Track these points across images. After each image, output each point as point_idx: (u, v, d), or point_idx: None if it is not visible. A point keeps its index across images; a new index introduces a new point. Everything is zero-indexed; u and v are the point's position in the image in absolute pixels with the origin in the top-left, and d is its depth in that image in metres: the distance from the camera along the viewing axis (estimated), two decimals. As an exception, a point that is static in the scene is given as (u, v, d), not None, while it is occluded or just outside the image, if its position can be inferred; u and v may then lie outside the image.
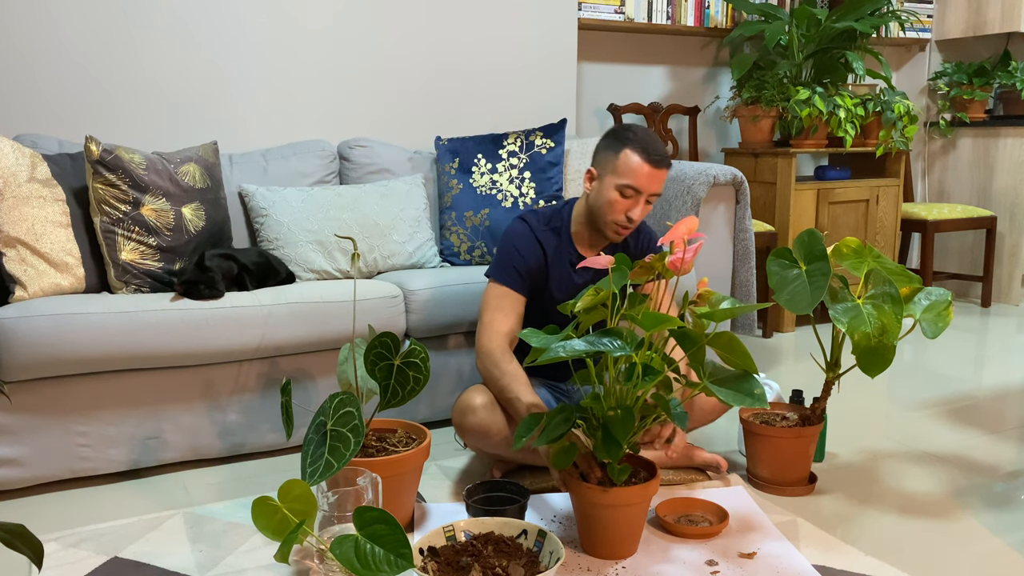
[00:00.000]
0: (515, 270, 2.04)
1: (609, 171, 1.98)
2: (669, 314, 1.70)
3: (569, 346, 1.55)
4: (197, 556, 1.75)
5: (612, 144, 1.99)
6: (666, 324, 1.54)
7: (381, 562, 1.35)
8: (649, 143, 1.95)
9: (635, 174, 1.94)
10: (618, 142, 1.97)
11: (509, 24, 3.32)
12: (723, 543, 1.79)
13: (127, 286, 2.28)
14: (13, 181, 2.18)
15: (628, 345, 1.54)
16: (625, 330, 1.58)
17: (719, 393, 1.59)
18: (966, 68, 4.48)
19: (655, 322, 1.54)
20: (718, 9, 3.93)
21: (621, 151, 1.96)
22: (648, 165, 1.93)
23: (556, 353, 1.54)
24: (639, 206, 1.96)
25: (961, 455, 2.30)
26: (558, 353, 1.54)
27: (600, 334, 1.57)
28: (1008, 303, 4.36)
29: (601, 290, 1.65)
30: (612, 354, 1.53)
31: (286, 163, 2.80)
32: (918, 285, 1.95)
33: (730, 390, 1.60)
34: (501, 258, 2.06)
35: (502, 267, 2.05)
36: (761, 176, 3.81)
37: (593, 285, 1.68)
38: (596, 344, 1.55)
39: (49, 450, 2.07)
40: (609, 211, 1.98)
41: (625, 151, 1.95)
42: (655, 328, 1.55)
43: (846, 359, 3.30)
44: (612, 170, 1.97)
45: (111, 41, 2.71)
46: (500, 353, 1.96)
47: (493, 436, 2.00)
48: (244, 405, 2.27)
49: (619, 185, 1.95)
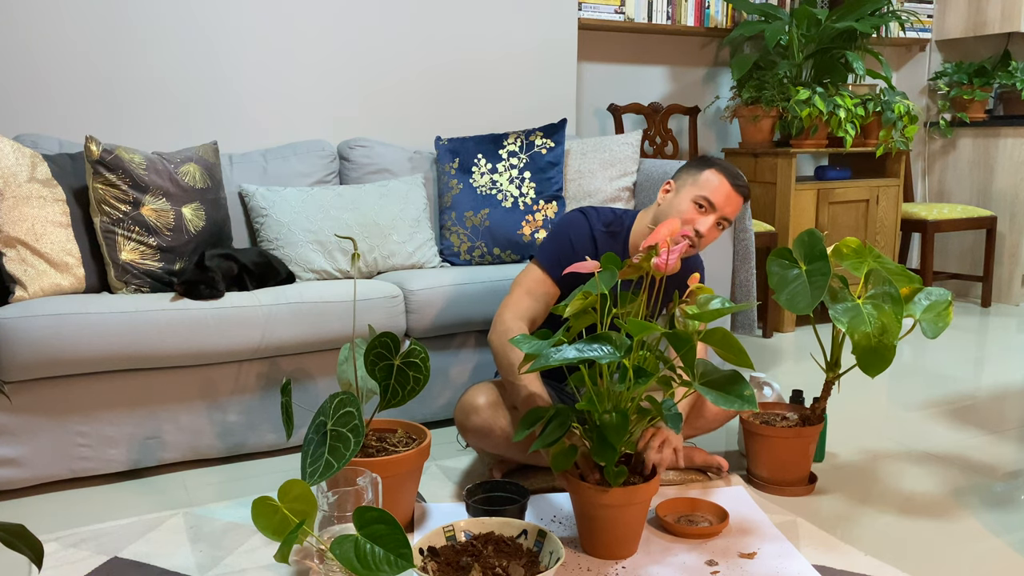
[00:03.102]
0: (559, 258, 2.02)
1: (689, 183, 2.00)
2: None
3: (560, 355, 1.55)
4: (197, 556, 1.75)
5: (698, 164, 2.02)
6: (650, 330, 1.54)
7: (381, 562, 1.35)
8: (734, 170, 2.00)
9: (715, 190, 1.96)
10: (704, 164, 2.01)
11: (509, 24, 3.32)
12: (723, 543, 1.79)
13: (127, 286, 2.28)
14: (13, 181, 2.18)
15: (618, 350, 1.54)
16: (615, 334, 1.57)
17: (709, 395, 1.58)
18: (966, 68, 4.48)
19: (640, 329, 1.54)
20: (718, 9, 3.93)
21: (706, 169, 2.00)
22: (729, 185, 1.96)
23: (548, 360, 1.54)
24: (710, 222, 1.96)
25: (961, 455, 2.30)
26: (549, 360, 1.54)
27: (590, 340, 1.57)
28: (1008, 303, 4.36)
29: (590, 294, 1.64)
30: (601, 361, 1.53)
31: (286, 163, 2.80)
32: (918, 285, 1.95)
33: (720, 392, 1.59)
34: (551, 245, 2.04)
35: (550, 254, 2.03)
36: (761, 176, 3.81)
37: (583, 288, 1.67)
38: (586, 351, 1.54)
39: (49, 450, 2.07)
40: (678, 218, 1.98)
41: (711, 170, 1.99)
42: (641, 335, 1.55)
43: (846, 359, 3.30)
44: (692, 183, 1.99)
45: (111, 41, 2.71)
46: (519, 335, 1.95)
47: (495, 436, 2.00)
48: (244, 405, 2.27)
49: (696, 196, 1.97)
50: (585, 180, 2.98)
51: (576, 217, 2.07)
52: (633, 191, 3.03)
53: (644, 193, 2.99)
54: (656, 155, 3.90)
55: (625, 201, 3.00)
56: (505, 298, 2.02)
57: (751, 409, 1.60)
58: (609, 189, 2.98)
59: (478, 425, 1.99)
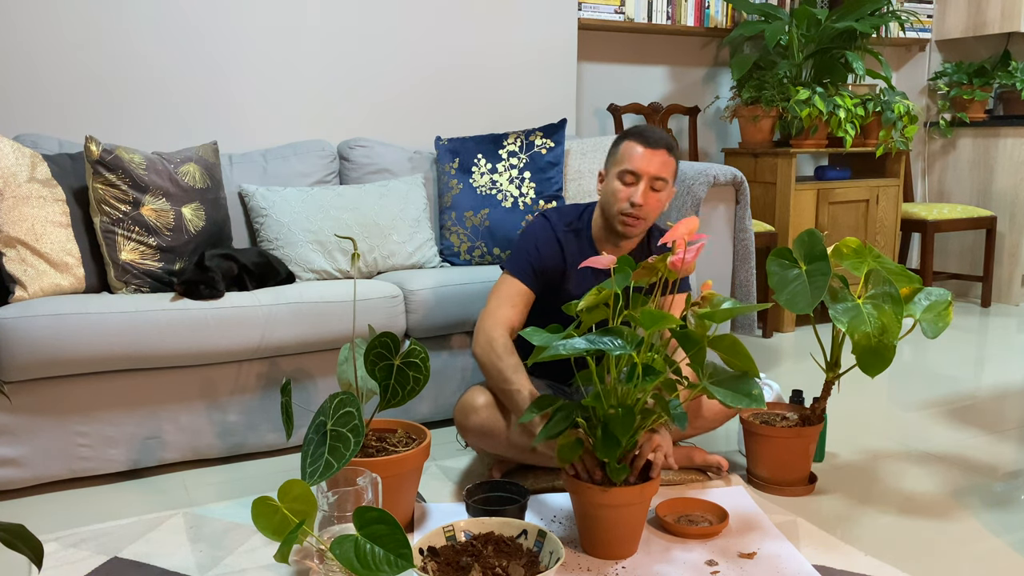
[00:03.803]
0: (530, 266, 2.05)
1: (611, 164, 2.03)
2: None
3: (570, 344, 1.55)
4: (197, 556, 1.75)
5: (615, 143, 2.05)
6: (665, 323, 1.54)
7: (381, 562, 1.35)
8: (646, 130, 2.01)
9: (631, 157, 1.98)
10: (619, 140, 2.04)
11: (509, 24, 3.32)
12: (723, 543, 1.79)
13: (127, 286, 2.28)
14: (13, 181, 2.18)
15: (629, 345, 1.54)
16: (627, 329, 1.58)
17: (718, 393, 1.59)
18: (966, 68, 4.48)
19: (654, 321, 1.54)
20: (718, 9, 3.93)
21: (620, 144, 2.02)
22: (642, 146, 1.97)
23: (557, 351, 1.55)
24: (640, 191, 1.96)
25: (961, 455, 2.30)
26: (559, 351, 1.54)
27: (601, 333, 1.57)
28: (1008, 303, 4.36)
29: (603, 289, 1.65)
30: (612, 353, 1.53)
31: (286, 163, 2.79)
32: (918, 285, 1.95)
33: (728, 390, 1.61)
34: (518, 253, 2.08)
35: (518, 261, 2.06)
36: (761, 176, 3.81)
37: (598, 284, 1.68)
38: (597, 343, 1.55)
39: (49, 450, 2.07)
40: (614, 201, 2.00)
41: (624, 142, 2.01)
42: (654, 327, 1.55)
43: (846, 359, 3.30)
44: (614, 162, 2.02)
45: (111, 41, 2.71)
46: (503, 343, 1.96)
47: (496, 436, 2.00)
48: (244, 405, 2.27)
49: (619, 172, 1.99)
50: (585, 180, 2.98)
51: (539, 222, 2.11)
52: (633, 191, 3.03)
53: (644, 193, 2.99)
54: (656, 155, 3.89)
55: (625, 201, 3.00)
56: (482, 311, 2.04)
57: (759, 407, 1.61)
58: (609, 189, 2.98)
59: (478, 425, 1.99)
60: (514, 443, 2.00)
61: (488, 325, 1.99)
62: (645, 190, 1.96)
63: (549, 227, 2.09)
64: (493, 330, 1.97)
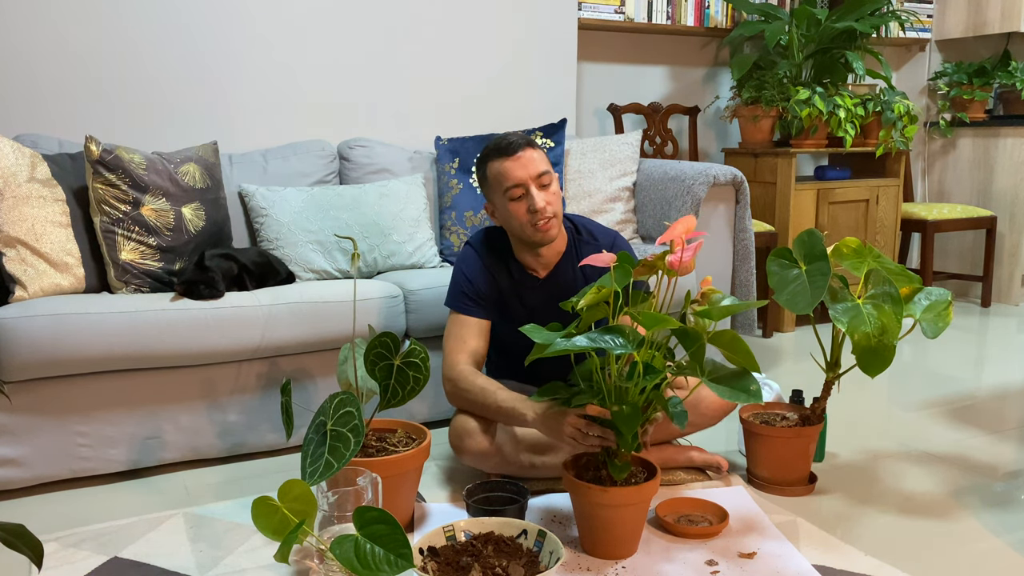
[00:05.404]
0: (466, 296, 2.06)
1: (493, 192, 2.01)
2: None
3: (571, 342, 1.56)
4: (197, 556, 1.75)
5: (479, 170, 2.04)
6: (665, 324, 1.54)
7: (381, 562, 1.35)
8: (497, 144, 1.98)
9: (505, 175, 1.95)
10: (481, 165, 2.02)
11: (509, 24, 3.32)
12: (723, 543, 1.79)
13: (127, 286, 2.28)
14: (13, 181, 2.18)
15: (630, 343, 1.54)
16: (628, 327, 1.58)
17: (716, 389, 1.60)
18: (966, 68, 4.48)
19: (655, 321, 1.54)
20: (718, 9, 3.93)
21: (486, 169, 2.00)
22: (505, 159, 1.95)
23: (558, 348, 1.55)
24: (534, 196, 1.94)
25: (961, 455, 2.30)
26: (560, 348, 1.55)
27: (603, 331, 1.57)
28: (1008, 303, 4.36)
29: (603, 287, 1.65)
30: (613, 351, 1.53)
31: (286, 163, 2.79)
32: (918, 285, 1.95)
33: (727, 386, 1.61)
34: (452, 287, 2.10)
35: (454, 295, 2.09)
36: (761, 176, 3.81)
37: (582, 292, 1.69)
38: (598, 340, 1.55)
39: (49, 450, 2.07)
40: (516, 220, 1.98)
41: (488, 167, 1.99)
42: (655, 327, 1.55)
43: (846, 359, 3.30)
44: (494, 189, 2.00)
45: (111, 41, 2.71)
46: (465, 376, 1.97)
47: (492, 456, 2.00)
48: (244, 405, 2.27)
49: (504, 193, 1.96)
50: (585, 180, 2.98)
51: (466, 252, 2.11)
52: (633, 191, 3.03)
53: (644, 193, 2.99)
54: (656, 155, 3.90)
55: (625, 201, 3.00)
56: (443, 356, 2.05)
57: (757, 402, 1.61)
58: (609, 189, 2.98)
59: (473, 448, 1.98)
60: (513, 460, 2.01)
61: (447, 370, 2.01)
62: (537, 192, 1.95)
63: (475, 256, 2.10)
64: (451, 371, 2.00)
